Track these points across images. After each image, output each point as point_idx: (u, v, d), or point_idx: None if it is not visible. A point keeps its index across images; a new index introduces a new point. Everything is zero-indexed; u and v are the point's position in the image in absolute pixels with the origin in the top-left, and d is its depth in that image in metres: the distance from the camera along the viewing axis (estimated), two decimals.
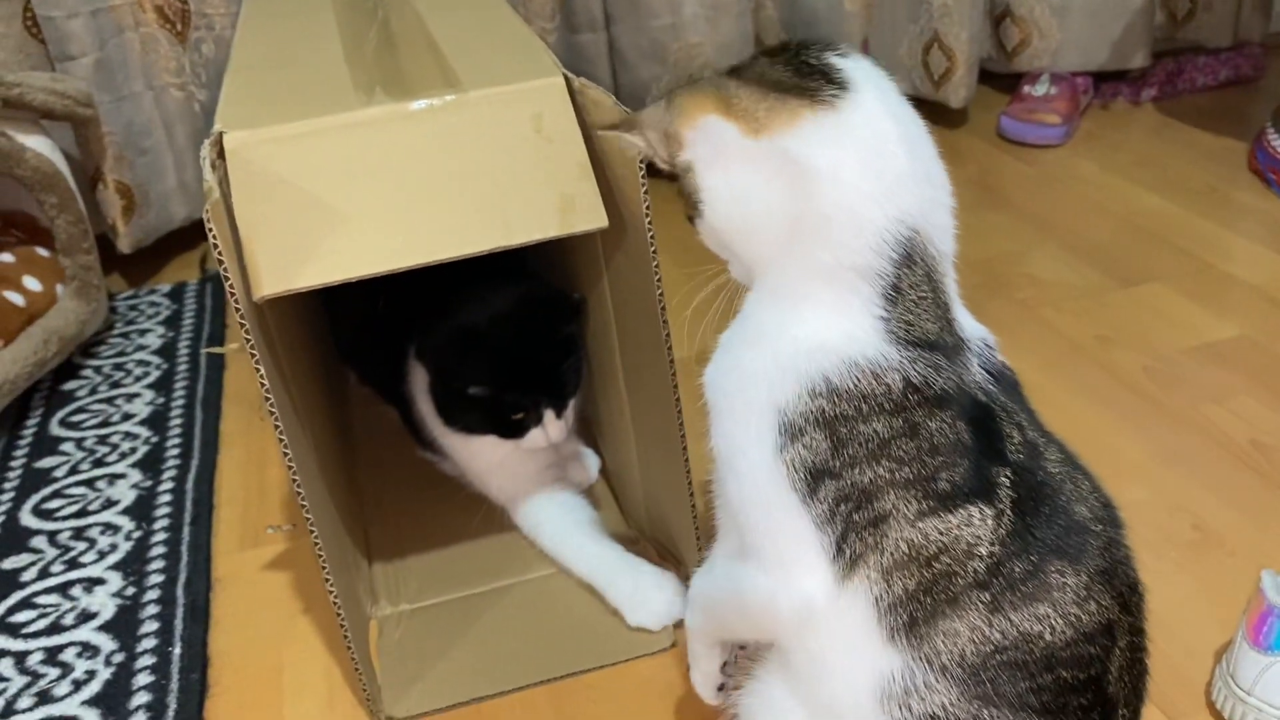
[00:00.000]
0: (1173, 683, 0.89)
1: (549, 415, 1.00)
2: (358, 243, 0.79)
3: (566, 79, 0.85)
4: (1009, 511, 0.59)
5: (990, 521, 0.58)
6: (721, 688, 0.79)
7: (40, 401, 1.44)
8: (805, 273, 0.62)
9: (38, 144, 1.46)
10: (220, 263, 0.74)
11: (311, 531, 0.84)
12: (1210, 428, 1.19)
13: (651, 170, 0.81)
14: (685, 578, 1.01)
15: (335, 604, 0.87)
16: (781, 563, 0.63)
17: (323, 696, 0.97)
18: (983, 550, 0.58)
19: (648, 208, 0.82)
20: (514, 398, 0.99)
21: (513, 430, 1.01)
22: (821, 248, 0.61)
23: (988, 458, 0.59)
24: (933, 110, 2.07)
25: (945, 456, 0.59)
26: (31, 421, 1.40)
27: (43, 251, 1.51)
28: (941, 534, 0.58)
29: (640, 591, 1.00)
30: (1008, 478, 0.59)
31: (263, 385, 0.78)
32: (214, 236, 0.73)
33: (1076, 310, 1.44)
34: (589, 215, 0.82)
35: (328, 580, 0.86)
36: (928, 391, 0.60)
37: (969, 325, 0.65)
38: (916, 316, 0.61)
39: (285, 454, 0.81)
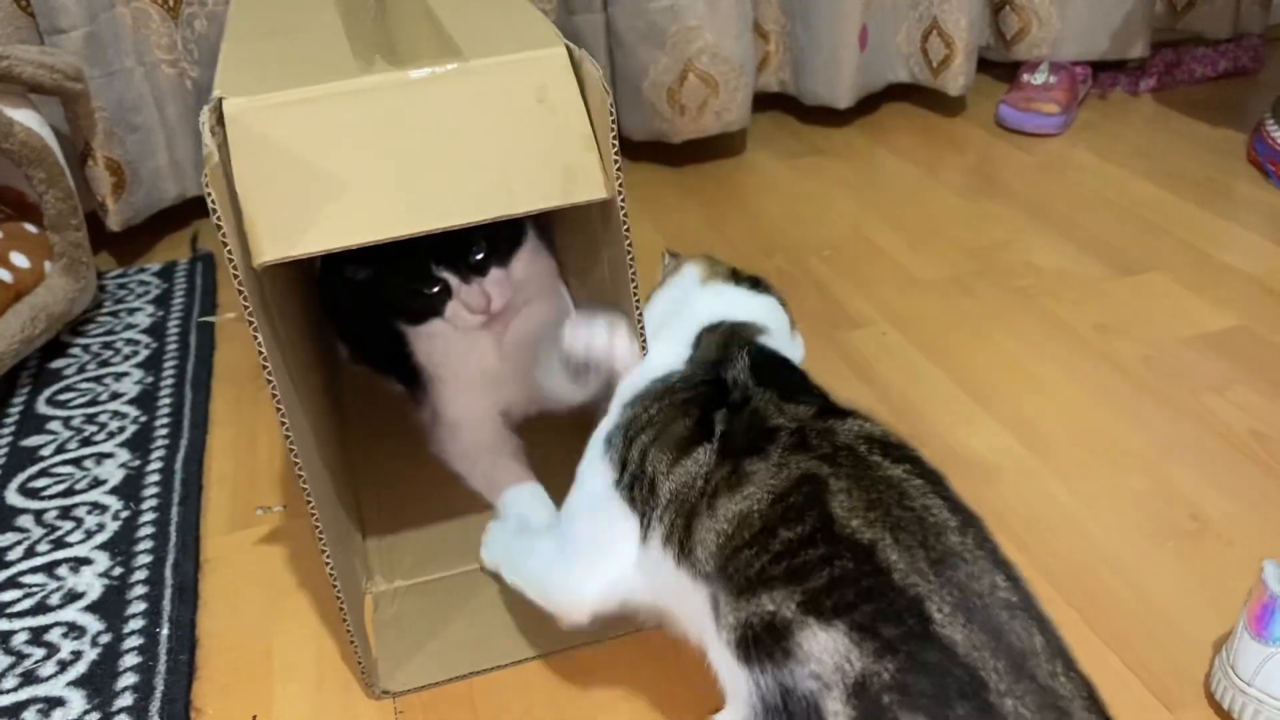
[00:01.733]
0: (1171, 674, 0.89)
1: (457, 283, 0.99)
2: (358, 210, 0.78)
3: (568, 50, 0.84)
4: (718, 438, 0.74)
5: (708, 452, 0.73)
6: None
7: (27, 379, 1.42)
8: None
9: (26, 118, 1.44)
10: (219, 228, 0.73)
11: (309, 502, 0.83)
12: (1209, 418, 1.19)
13: (651, 150, 0.80)
14: None
15: (331, 576, 0.86)
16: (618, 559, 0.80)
17: (312, 678, 0.96)
18: (704, 471, 0.73)
19: (620, 184, 0.81)
20: (405, 270, 0.99)
21: (435, 306, 1.01)
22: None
23: (715, 403, 0.77)
24: (931, 98, 2.06)
25: (685, 411, 0.77)
26: (18, 400, 1.38)
27: (31, 228, 1.49)
28: (685, 473, 0.74)
29: None
30: (722, 414, 0.75)
31: (260, 354, 0.77)
32: (213, 202, 0.72)
33: (1075, 299, 1.43)
34: (591, 186, 0.81)
35: (324, 552, 0.85)
36: (692, 380, 0.80)
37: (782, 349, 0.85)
38: (704, 353, 0.83)
39: (283, 423, 0.79)
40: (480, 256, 1.00)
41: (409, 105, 0.81)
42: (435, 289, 1.00)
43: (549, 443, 1.14)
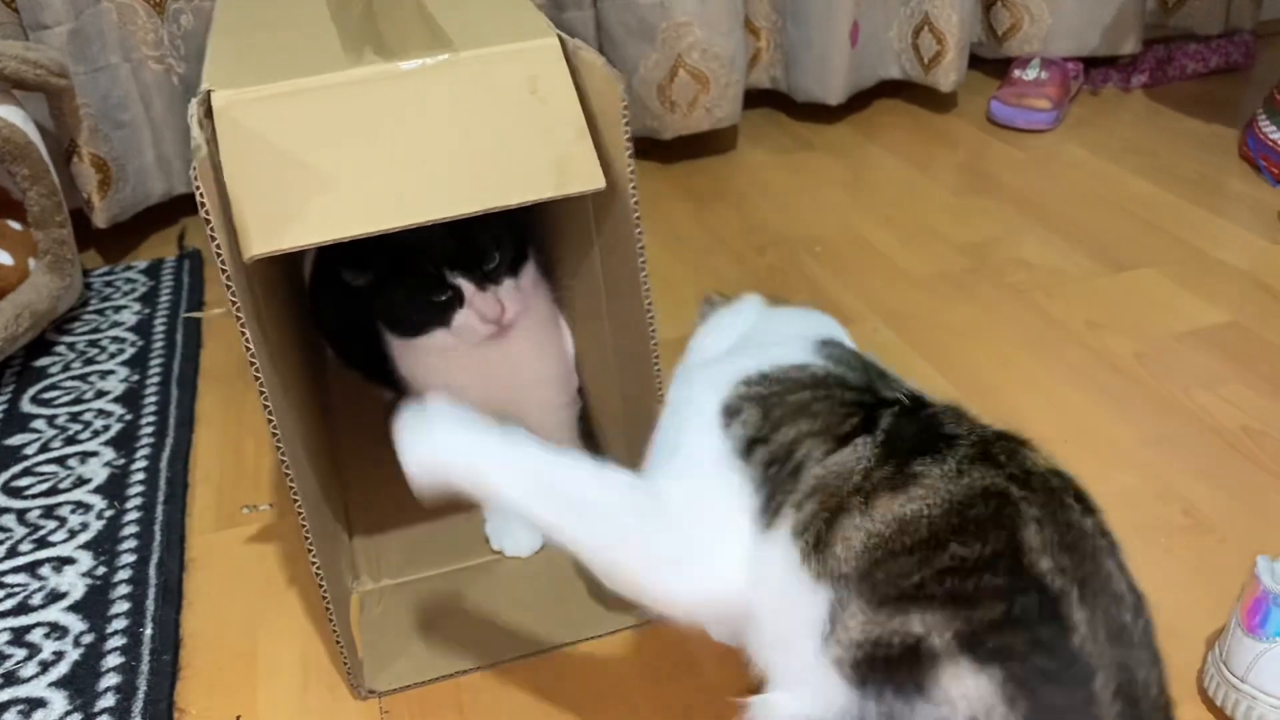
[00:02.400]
0: None
1: (471, 290, 0.95)
2: (349, 202, 0.77)
3: (561, 40, 0.83)
4: (882, 434, 0.65)
5: (869, 447, 0.64)
6: None
7: (11, 378, 1.41)
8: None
9: (9, 114, 1.42)
10: (207, 222, 0.72)
11: (295, 501, 0.82)
12: (1201, 413, 1.18)
13: (642, 147, 0.79)
14: None
15: (318, 575, 0.85)
16: (696, 544, 0.68)
17: (297, 678, 0.95)
18: (860, 467, 0.63)
19: (633, 172, 0.80)
20: (414, 277, 0.95)
21: (442, 315, 0.96)
22: None
23: (879, 406, 0.68)
24: (923, 94, 2.05)
25: (850, 409, 0.68)
26: (2, 398, 1.36)
27: (14, 224, 1.48)
28: (837, 464, 0.64)
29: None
30: (891, 414, 0.67)
31: (248, 349, 0.76)
32: (201, 195, 0.71)
33: (1067, 295, 1.42)
34: (585, 177, 0.80)
35: (310, 551, 0.84)
36: (845, 380, 0.72)
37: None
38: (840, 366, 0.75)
39: (270, 420, 0.79)
40: (494, 265, 0.96)
41: (399, 97, 0.80)
42: (445, 296, 0.96)
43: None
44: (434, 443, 0.74)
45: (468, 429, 0.73)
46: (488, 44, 0.82)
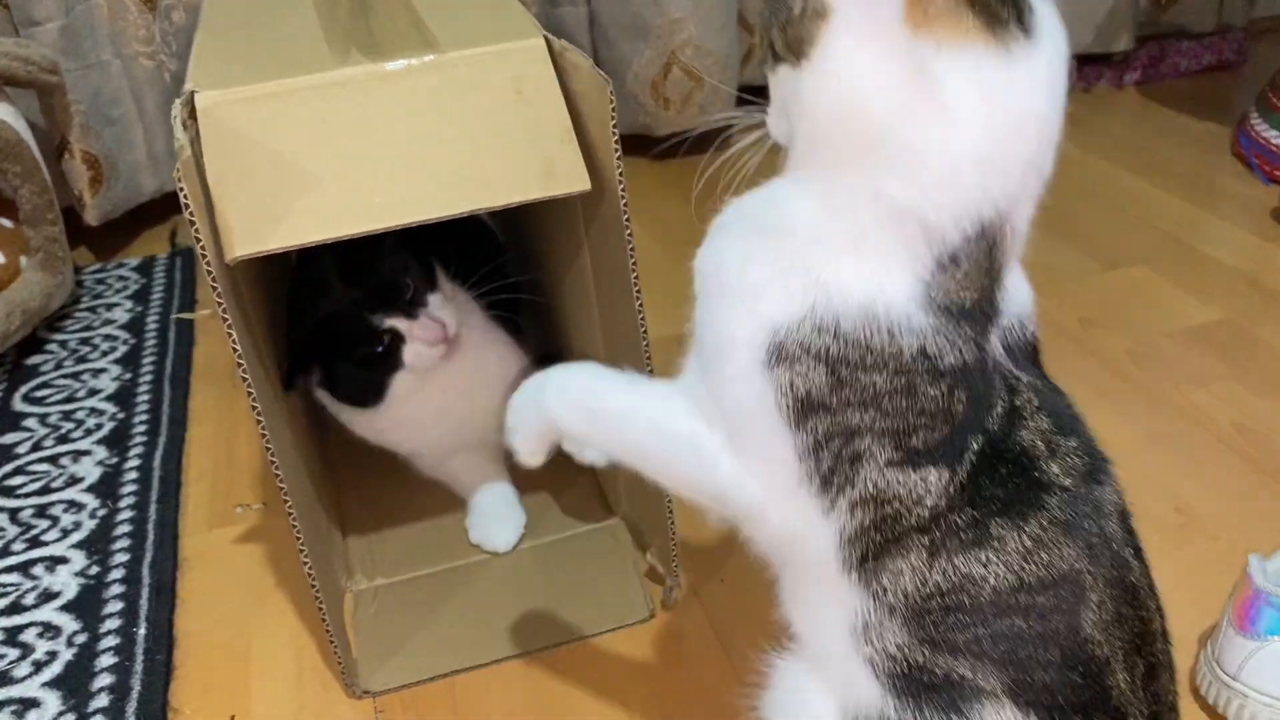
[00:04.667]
0: None
1: (406, 325, 0.94)
2: (333, 204, 0.76)
3: (547, 41, 0.83)
4: (964, 473, 0.57)
5: (943, 482, 0.57)
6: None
7: (3, 376, 1.40)
8: (864, 197, 0.55)
9: (0, 111, 1.42)
10: (192, 223, 0.71)
11: (285, 501, 0.82)
12: (1194, 411, 1.18)
13: (634, 144, 0.79)
14: (647, 553, 1.00)
15: (310, 575, 0.85)
16: (764, 477, 0.60)
17: (291, 678, 0.95)
18: (929, 501, 0.57)
19: (621, 174, 0.80)
20: (345, 342, 0.94)
21: (393, 361, 0.95)
22: (897, 180, 0.54)
23: (970, 427, 0.57)
24: None
25: (929, 420, 0.57)
26: None
27: (5, 222, 1.47)
28: (900, 484, 0.57)
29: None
30: (977, 443, 0.57)
31: (235, 350, 0.76)
32: (185, 196, 0.70)
33: (1060, 293, 1.43)
34: (571, 178, 0.80)
35: (302, 551, 0.84)
36: (939, 362, 0.56)
37: (1016, 293, 0.60)
38: (959, 285, 0.56)
39: (259, 421, 0.78)
40: (411, 292, 0.95)
41: (385, 98, 0.80)
42: (384, 344, 0.95)
43: None
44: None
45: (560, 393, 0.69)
46: (474, 44, 0.82)
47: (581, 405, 0.68)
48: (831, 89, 0.55)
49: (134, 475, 1.20)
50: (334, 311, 0.96)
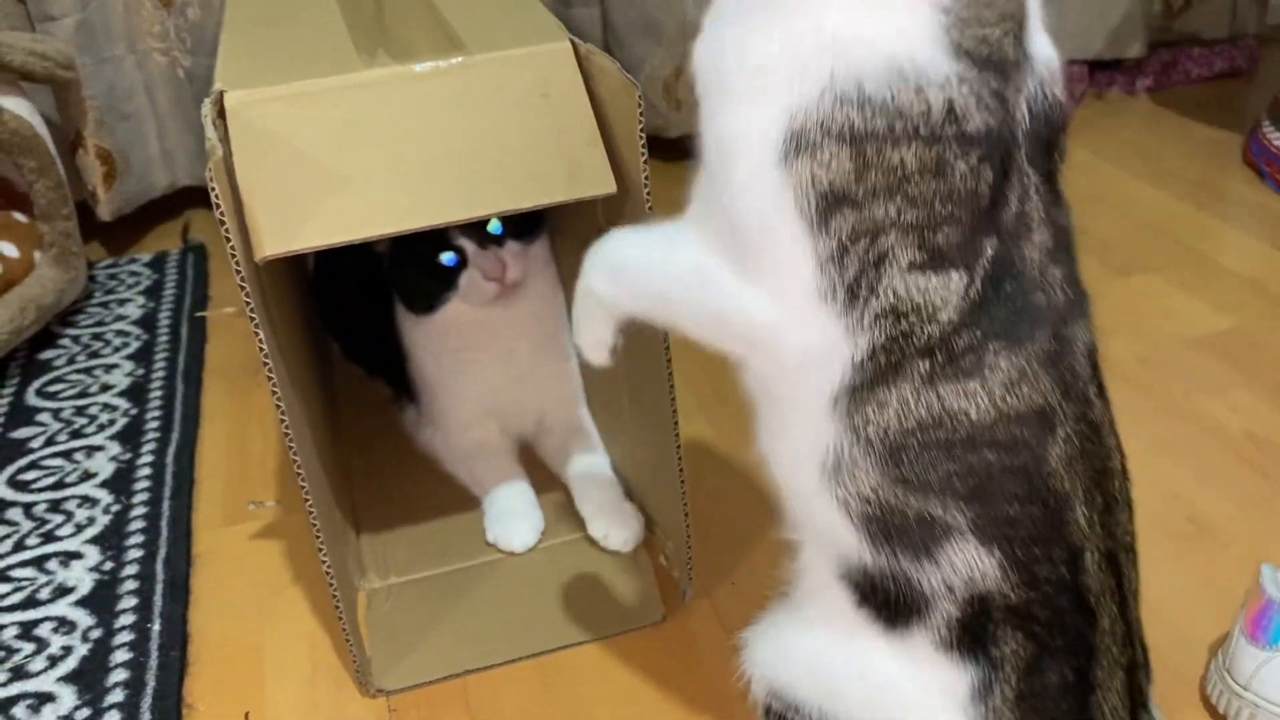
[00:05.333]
0: (1166, 676, 0.88)
1: (473, 249, 0.98)
2: (361, 204, 0.77)
3: (573, 44, 0.83)
4: (978, 283, 0.54)
5: (962, 288, 0.54)
6: (613, 351, 0.71)
7: (16, 371, 1.41)
8: None
9: (16, 106, 1.42)
10: (222, 223, 0.72)
11: (306, 500, 0.83)
12: (1205, 419, 1.19)
13: (653, 144, 0.79)
14: (661, 555, 1.00)
15: (328, 573, 0.86)
16: (785, 298, 0.56)
17: (304, 674, 0.95)
18: (943, 316, 0.54)
19: (646, 177, 0.80)
20: (422, 243, 0.96)
21: (451, 280, 0.99)
22: None
23: (988, 221, 0.54)
24: None
25: (955, 208, 0.53)
26: (7, 391, 1.37)
27: (20, 217, 1.48)
28: (920, 291, 0.54)
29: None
30: (992, 248, 0.55)
31: (261, 350, 0.76)
32: (216, 196, 0.71)
33: None
34: (597, 180, 0.81)
35: (321, 551, 0.85)
36: (966, 124, 0.51)
37: (1040, 43, 0.56)
38: (978, 15, 0.51)
39: (282, 420, 0.79)
40: (499, 231, 0.99)
41: (412, 99, 0.80)
42: (451, 257, 0.98)
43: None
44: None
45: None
46: (500, 47, 0.83)
47: (609, 265, 0.66)
48: None
49: (147, 471, 1.20)
50: None
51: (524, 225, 1.01)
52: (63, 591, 1.04)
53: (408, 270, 1.02)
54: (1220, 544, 1.02)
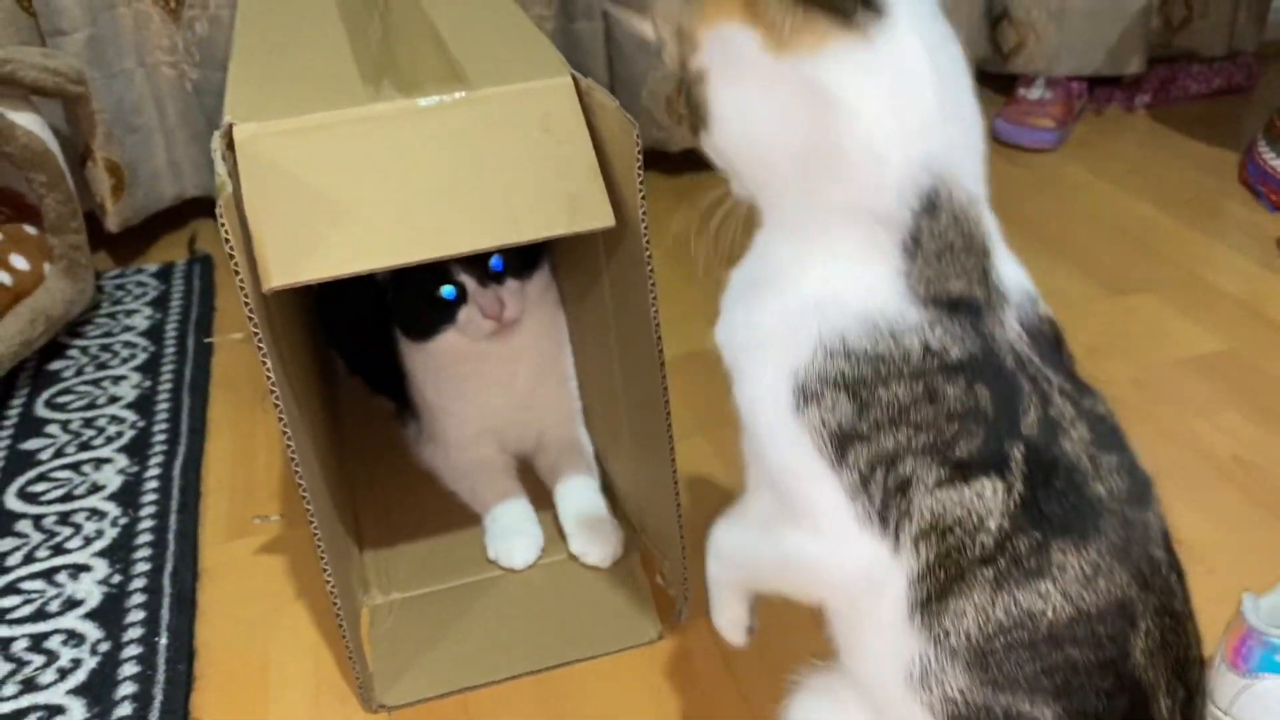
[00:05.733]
0: None
1: (474, 286, 1.01)
2: (366, 236, 0.79)
3: (574, 79, 0.85)
4: (1019, 485, 0.57)
5: (1001, 495, 0.57)
6: (750, 631, 0.76)
7: (26, 381, 1.43)
8: (818, 210, 0.58)
9: (27, 121, 1.44)
10: (231, 256, 0.74)
11: (311, 521, 0.84)
12: (1195, 442, 1.20)
13: (649, 159, 0.81)
14: (658, 573, 1.02)
15: (332, 592, 0.88)
16: (827, 531, 0.60)
17: (309, 689, 0.97)
18: (991, 524, 0.57)
19: (644, 213, 0.82)
20: (424, 274, 0.99)
21: (449, 313, 1.02)
22: (834, 185, 0.57)
23: (1004, 430, 0.57)
24: None
25: (961, 424, 0.57)
26: (16, 402, 1.39)
27: (30, 229, 1.50)
28: (956, 504, 0.57)
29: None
30: (1020, 452, 0.57)
31: (268, 378, 0.78)
32: (225, 231, 0.73)
33: (1066, 319, 1.42)
34: (596, 214, 0.83)
35: (325, 569, 0.87)
36: (947, 357, 0.57)
37: (1010, 275, 0.61)
38: (938, 272, 0.58)
39: (288, 445, 0.81)
40: (499, 267, 1.02)
41: (417, 133, 0.82)
42: (450, 292, 1.01)
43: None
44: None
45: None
46: (503, 81, 0.85)
47: (715, 550, 0.73)
48: (738, 135, 0.60)
49: (154, 484, 1.22)
50: None
51: (523, 261, 1.03)
52: (72, 604, 1.06)
53: (408, 300, 1.04)
54: (1205, 567, 1.04)
